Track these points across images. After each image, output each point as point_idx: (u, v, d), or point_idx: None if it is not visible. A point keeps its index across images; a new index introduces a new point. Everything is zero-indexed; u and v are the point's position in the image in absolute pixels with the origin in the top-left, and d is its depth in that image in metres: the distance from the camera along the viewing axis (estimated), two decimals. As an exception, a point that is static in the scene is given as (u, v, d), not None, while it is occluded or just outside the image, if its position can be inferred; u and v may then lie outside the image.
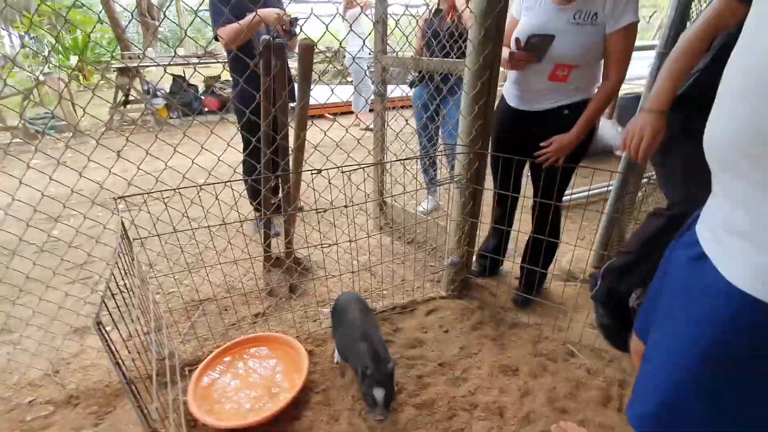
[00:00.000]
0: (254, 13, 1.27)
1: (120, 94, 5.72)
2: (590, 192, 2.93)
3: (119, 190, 1.55)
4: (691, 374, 0.62)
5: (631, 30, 1.45)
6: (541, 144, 1.61)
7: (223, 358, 1.58)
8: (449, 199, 1.86)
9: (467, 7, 1.43)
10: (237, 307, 1.92)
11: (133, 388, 0.65)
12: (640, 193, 2.23)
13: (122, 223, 1.26)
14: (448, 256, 1.94)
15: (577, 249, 1.70)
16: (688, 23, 1.82)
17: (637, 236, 1.39)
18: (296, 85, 1.57)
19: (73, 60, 7.40)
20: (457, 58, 1.94)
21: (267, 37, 1.36)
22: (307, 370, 1.49)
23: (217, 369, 1.55)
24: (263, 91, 1.40)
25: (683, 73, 1.11)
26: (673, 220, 1.24)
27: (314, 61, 1.46)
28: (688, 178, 1.20)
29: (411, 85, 2.47)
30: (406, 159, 1.59)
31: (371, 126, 2.21)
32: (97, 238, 1.44)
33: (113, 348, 0.68)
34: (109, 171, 1.31)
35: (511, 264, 2.26)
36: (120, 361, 0.68)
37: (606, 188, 2.94)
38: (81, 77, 8.19)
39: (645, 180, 2.33)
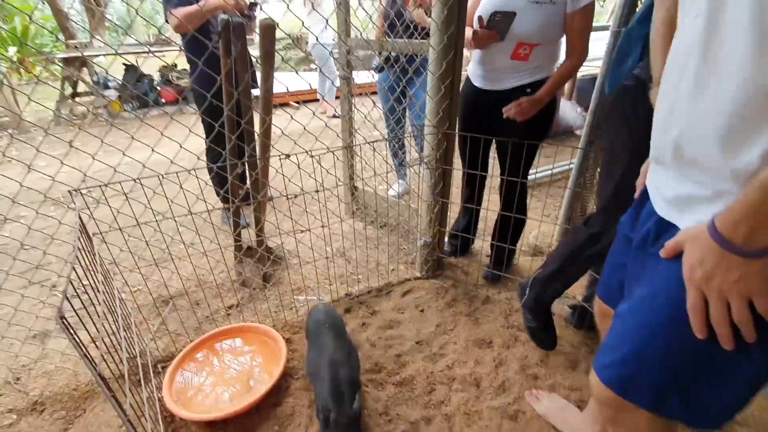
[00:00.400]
0: None
1: (67, 86, 5.36)
2: (553, 170, 3.03)
3: (73, 186, 1.47)
4: (659, 327, 0.66)
5: (589, 10, 1.51)
6: (506, 108, 1.63)
7: (198, 352, 1.55)
8: (419, 180, 1.87)
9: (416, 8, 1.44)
10: (209, 300, 1.87)
11: (104, 380, 0.63)
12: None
13: (80, 218, 1.19)
14: (420, 237, 1.97)
15: (543, 225, 1.76)
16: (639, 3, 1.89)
17: (559, 250, 1.48)
18: (257, 70, 1.52)
19: (12, 51, 6.85)
20: (421, 39, 1.94)
21: (226, 16, 1.30)
22: (286, 358, 1.49)
23: (193, 363, 1.51)
24: (224, 74, 1.35)
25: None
26: (593, 237, 1.34)
27: (277, 48, 1.42)
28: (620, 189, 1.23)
29: (377, 70, 2.46)
30: (374, 141, 1.59)
31: (338, 113, 2.19)
32: (53, 237, 1.36)
33: (78, 341, 0.65)
34: (61, 163, 1.23)
35: (482, 243, 2.31)
36: (87, 353, 0.65)
37: (568, 166, 3.05)
38: (22, 69, 7.61)
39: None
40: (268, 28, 1.29)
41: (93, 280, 1.15)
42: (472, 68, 1.77)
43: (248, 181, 1.71)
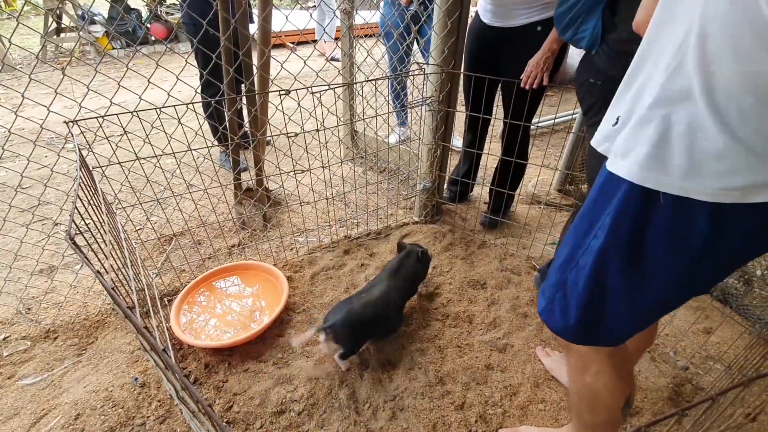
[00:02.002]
0: None
1: (50, 21, 5.07)
2: (556, 120, 2.98)
3: (62, 129, 1.44)
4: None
5: None
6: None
7: (203, 286, 1.60)
8: (421, 122, 1.84)
9: None
10: (212, 239, 1.91)
11: (117, 296, 0.66)
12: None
13: (79, 151, 1.18)
14: (420, 182, 1.97)
15: (541, 174, 1.77)
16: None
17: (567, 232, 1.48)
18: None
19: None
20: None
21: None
22: (288, 294, 1.54)
23: (199, 296, 1.57)
24: None
25: None
26: None
27: None
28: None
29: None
30: (377, 79, 1.54)
31: (336, 56, 2.10)
32: (48, 180, 1.35)
33: (88, 261, 0.67)
34: (48, 109, 1.18)
35: (480, 190, 2.33)
36: (99, 271, 0.68)
37: (571, 116, 3.00)
38: (2, 3, 7.16)
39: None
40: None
41: (97, 214, 1.16)
42: (481, 3, 1.69)
43: (246, 119, 1.67)
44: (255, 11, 1.43)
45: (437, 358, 1.42)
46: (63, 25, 5.24)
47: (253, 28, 1.51)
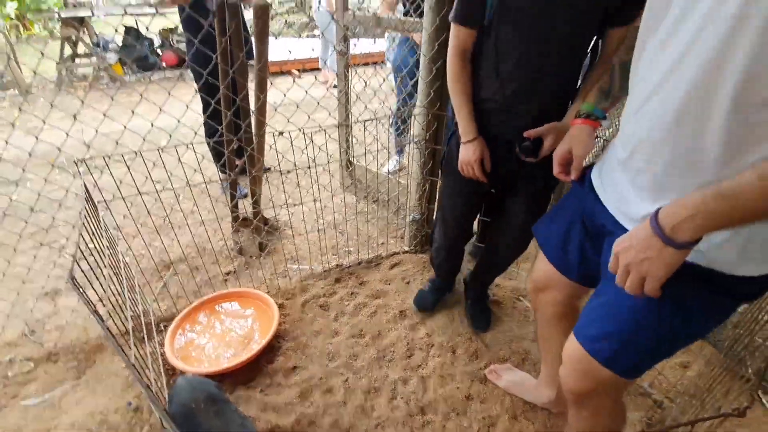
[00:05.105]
0: None
1: (67, 47, 5.32)
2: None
3: (75, 152, 1.56)
4: (647, 311, 0.76)
5: None
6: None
7: (199, 312, 1.68)
8: (410, 158, 1.94)
9: None
10: (208, 266, 1.99)
11: (110, 332, 0.73)
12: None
13: (85, 186, 1.28)
14: (409, 214, 2.06)
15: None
16: None
17: None
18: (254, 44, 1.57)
19: (10, 7, 6.73)
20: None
21: (221, -5, 1.34)
22: (278, 321, 1.61)
23: (192, 323, 1.64)
24: (220, 52, 1.40)
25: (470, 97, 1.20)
26: None
27: (280, 11, 1.46)
28: None
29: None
30: (367, 120, 1.65)
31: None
32: (61, 202, 1.45)
33: (87, 298, 0.75)
34: (67, 134, 1.31)
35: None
36: (95, 310, 0.75)
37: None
38: (21, 27, 7.50)
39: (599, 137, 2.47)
40: (263, 9, 1.32)
41: (99, 244, 1.25)
42: None
43: (245, 155, 1.78)
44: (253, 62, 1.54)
45: (419, 387, 1.47)
46: (78, 53, 5.48)
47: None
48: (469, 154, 1.21)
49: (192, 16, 1.38)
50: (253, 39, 1.47)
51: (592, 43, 1.13)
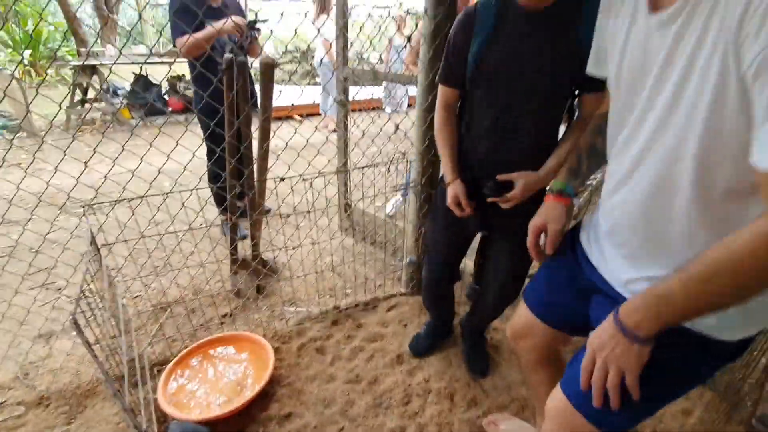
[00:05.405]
0: (213, 23, 1.35)
1: (78, 92, 5.54)
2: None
3: (78, 194, 1.61)
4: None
5: None
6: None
7: (192, 356, 1.66)
8: (406, 203, 2.00)
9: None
10: (204, 308, 1.99)
11: (110, 378, 0.74)
12: (581, 199, 2.44)
13: (90, 231, 1.32)
14: (406, 256, 2.09)
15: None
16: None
17: None
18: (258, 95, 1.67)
19: (26, 54, 7.07)
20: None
21: (229, 56, 1.45)
22: (273, 366, 1.59)
23: (186, 368, 1.62)
24: (227, 105, 1.49)
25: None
26: None
27: (282, 61, 1.56)
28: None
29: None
30: (364, 167, 1.72)
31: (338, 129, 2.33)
32: (65, 245, 1.48)
33: (89, 344, 0.76)
34: (77, 180, 1.36)
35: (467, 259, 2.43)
36: (96, 356, 0.76)
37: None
38: (33, 73, 7.83)
39: (589, 183, 2.55)
40: (269, 66, 1.43)
41: (98, 286, 1.27)
42: None
43: (246, 199, 1.84)
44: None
45: (416, 436, 1.44)
46: (88, 97, 5.70)
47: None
48: (448, 196, 1.30)
49: (203, 73, 1.48)
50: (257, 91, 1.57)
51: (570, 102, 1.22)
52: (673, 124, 0.63)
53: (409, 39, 2.45)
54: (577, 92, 1.17)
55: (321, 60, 4.75)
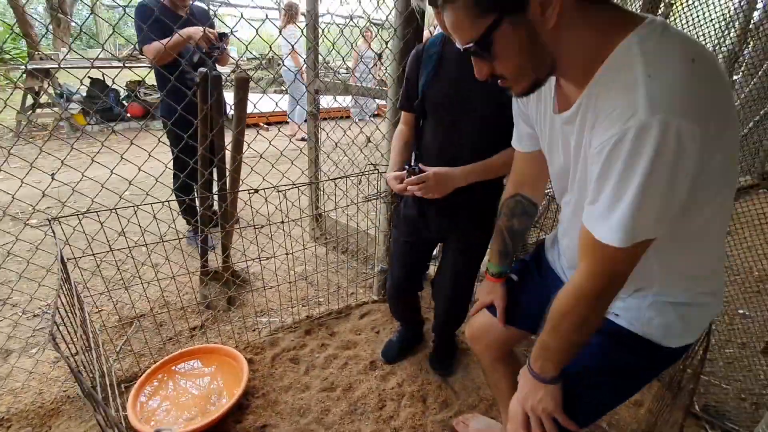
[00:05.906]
0: (179, 32, 1.35)
1: (29, 97, 5.25)
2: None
3: (31, 201, 1.57)
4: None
5: None
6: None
7: (162, 371, 1.63)
8: (377, 213, 2.06)
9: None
10: (174, 321, 1.95)
11: (91, 396, 0.73)
12: (540, 207, 2.58)
13: (60, 252, 1.29)
14: (377, 264, 2.14)
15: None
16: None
17: None
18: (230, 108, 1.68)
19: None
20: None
21: (204, 69, 1.46)
22: (247, 378, 1.60)
23: (157, 382, 1.59)
24: (201, 118, 1.49)
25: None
26: None
27: (248, 68, 1.58)
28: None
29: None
30: (337, 178, 1.76)
31: (306, 136, 2.36)
32: (29, 259, 1.43)
33: (72, 359, 0.76)
34: (43, 193, 1.33)
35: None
36: (77, 373, 0.76)
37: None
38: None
39: (547, 191, 2.70)
40: (242, 81, 1.45)
41: (67, 302, 1.24)
42: None
43: (218, 210, 1.84)
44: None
45: (391, 439, 1.48)
46: (40, 102, 5.42)
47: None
48: (388, 179, 1.40)
49: (177, 87, 1.48)
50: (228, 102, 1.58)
51: None
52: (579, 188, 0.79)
53: (380, 57, 2.54)
54: None
55: (284, 59, 4.78)
